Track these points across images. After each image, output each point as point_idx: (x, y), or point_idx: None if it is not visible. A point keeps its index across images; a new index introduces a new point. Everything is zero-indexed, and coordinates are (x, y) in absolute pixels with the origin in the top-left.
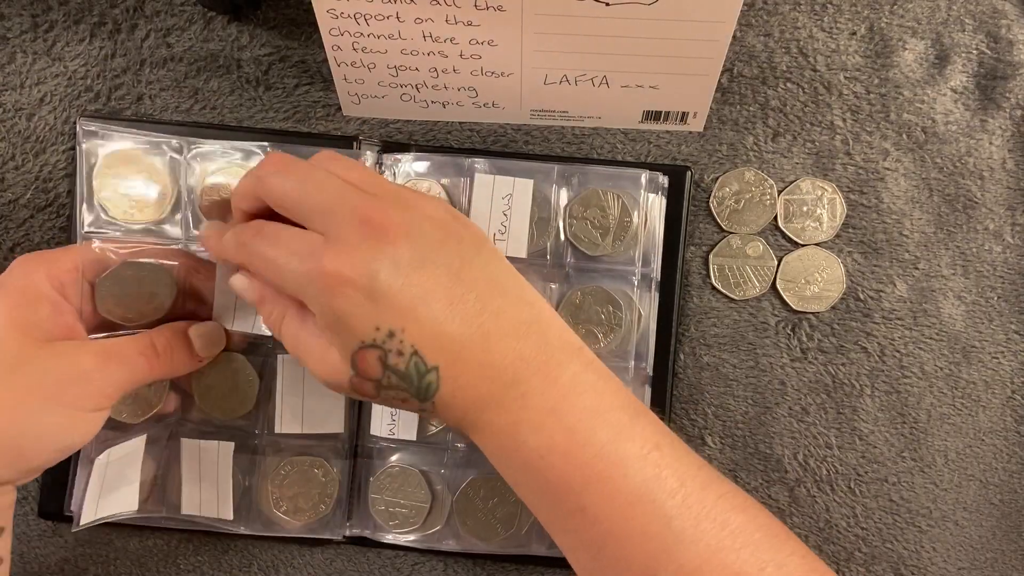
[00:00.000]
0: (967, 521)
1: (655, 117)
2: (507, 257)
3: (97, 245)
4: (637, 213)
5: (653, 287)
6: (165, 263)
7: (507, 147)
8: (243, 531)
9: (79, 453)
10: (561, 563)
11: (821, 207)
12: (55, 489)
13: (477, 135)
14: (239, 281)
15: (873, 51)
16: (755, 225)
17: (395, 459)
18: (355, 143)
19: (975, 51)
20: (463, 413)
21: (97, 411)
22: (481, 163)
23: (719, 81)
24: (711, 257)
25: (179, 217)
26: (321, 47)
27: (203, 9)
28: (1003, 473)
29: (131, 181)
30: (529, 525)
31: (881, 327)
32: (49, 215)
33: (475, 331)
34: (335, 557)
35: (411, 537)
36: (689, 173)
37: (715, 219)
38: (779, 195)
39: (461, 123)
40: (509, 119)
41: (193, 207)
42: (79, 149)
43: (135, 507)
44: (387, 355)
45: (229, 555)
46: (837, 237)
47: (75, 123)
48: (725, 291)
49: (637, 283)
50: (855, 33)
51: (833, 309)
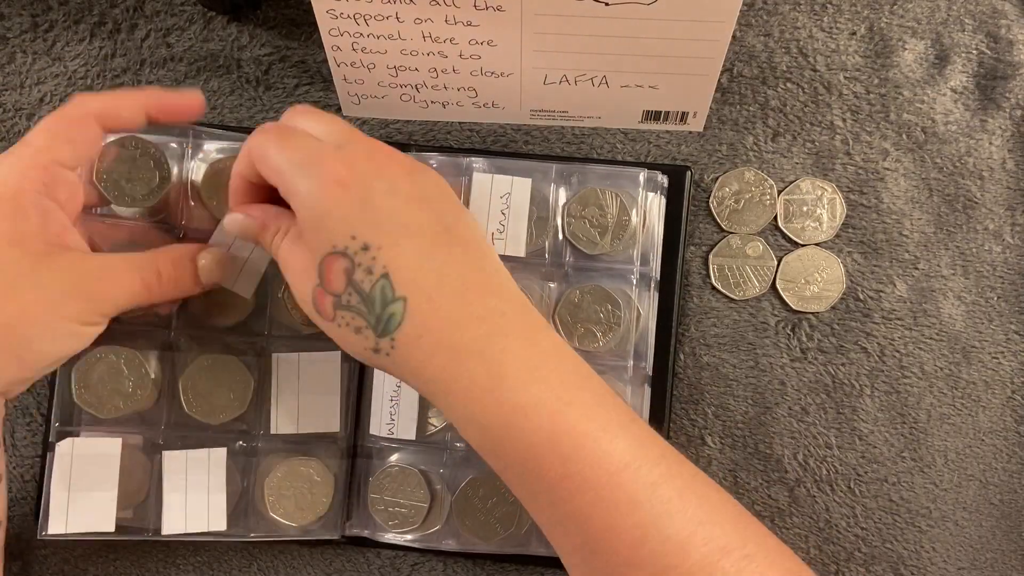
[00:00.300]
0: (967, 521)
1: (655, 117)
2: (506, 256)
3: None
4: (635, 212)
5: (652, 286)
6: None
7: (507, 147)
8: (237, 538)
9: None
10: (561, 563)
11: (821, 207)
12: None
13: (477, 135)
14: (234, 219)
15: (873, 51)
16: (755, 225)
17: (394, 459)
18: None
19: (975, 51)
20: (426, 360)
21: (93, 326)
22: (479, 162)
23: (719, 81)
24: (711, 257)
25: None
26: (321, 47)
27: (203, 9)
28: (1003, 473)
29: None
30: (529, 525)
31: (881, 327)
32: None
33: (455, 279)
34: (335, 557)
35: (410, 537)
36: (689, 173)
37: (715, 219)
38: (779, 195)
39: (461, 123)
40: (509, 119)
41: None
42: None
43: (111, 527)
44: (355, 268)
45: (229, 555)
46: (837, 237)
47: None
48: (725, 291)
49: (636, 282)
50: (855, 33)
51: (833, 309)
